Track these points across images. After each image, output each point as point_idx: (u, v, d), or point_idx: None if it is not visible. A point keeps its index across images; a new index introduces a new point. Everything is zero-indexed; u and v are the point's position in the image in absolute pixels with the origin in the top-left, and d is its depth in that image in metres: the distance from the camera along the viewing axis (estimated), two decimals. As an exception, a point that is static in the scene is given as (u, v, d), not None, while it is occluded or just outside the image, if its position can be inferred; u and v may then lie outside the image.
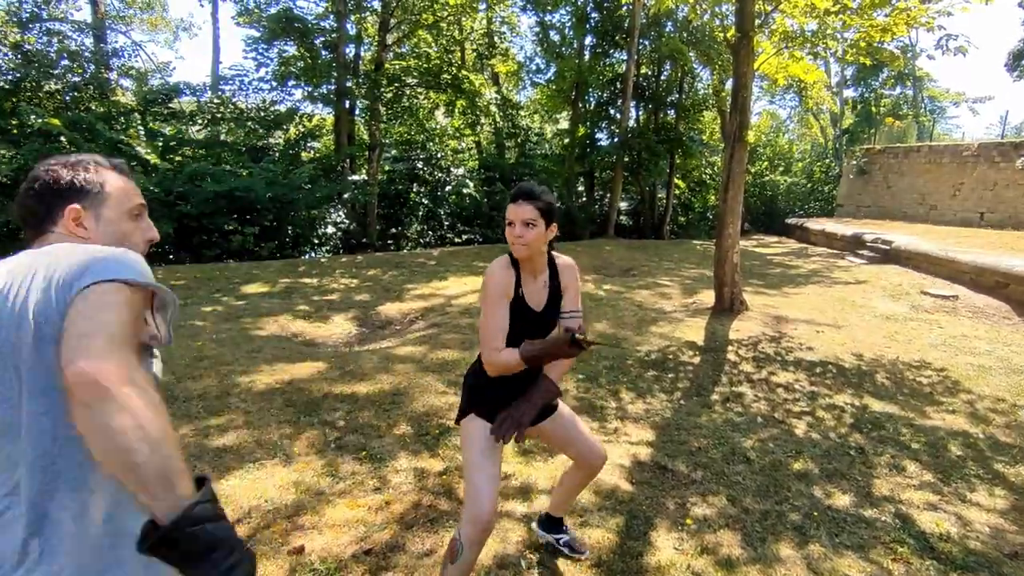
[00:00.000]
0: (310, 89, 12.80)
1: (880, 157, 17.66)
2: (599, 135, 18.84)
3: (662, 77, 17.92)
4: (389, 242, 14.99)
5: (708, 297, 7.86)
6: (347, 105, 13.58)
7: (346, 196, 12.46)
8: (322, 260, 10.94)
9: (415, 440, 3.46)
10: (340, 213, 13.15)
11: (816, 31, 7.05)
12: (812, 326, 6.54)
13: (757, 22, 6.64)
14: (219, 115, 12.64)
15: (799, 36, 7.14)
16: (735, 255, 6.90)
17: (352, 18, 13.29)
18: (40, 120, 9.17)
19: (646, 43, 16.95)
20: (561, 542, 2.41)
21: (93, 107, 10.60)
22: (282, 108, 13.54)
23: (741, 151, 6.68)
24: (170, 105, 11.94)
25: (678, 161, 18.41)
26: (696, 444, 3.55)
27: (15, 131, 9.55)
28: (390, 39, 14.17)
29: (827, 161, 25.20)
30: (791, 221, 18.57)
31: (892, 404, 4.36)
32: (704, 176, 21.01)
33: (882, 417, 4.08)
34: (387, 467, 3.12)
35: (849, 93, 27.53)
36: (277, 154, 12.84)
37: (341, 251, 13.28)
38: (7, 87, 9.89)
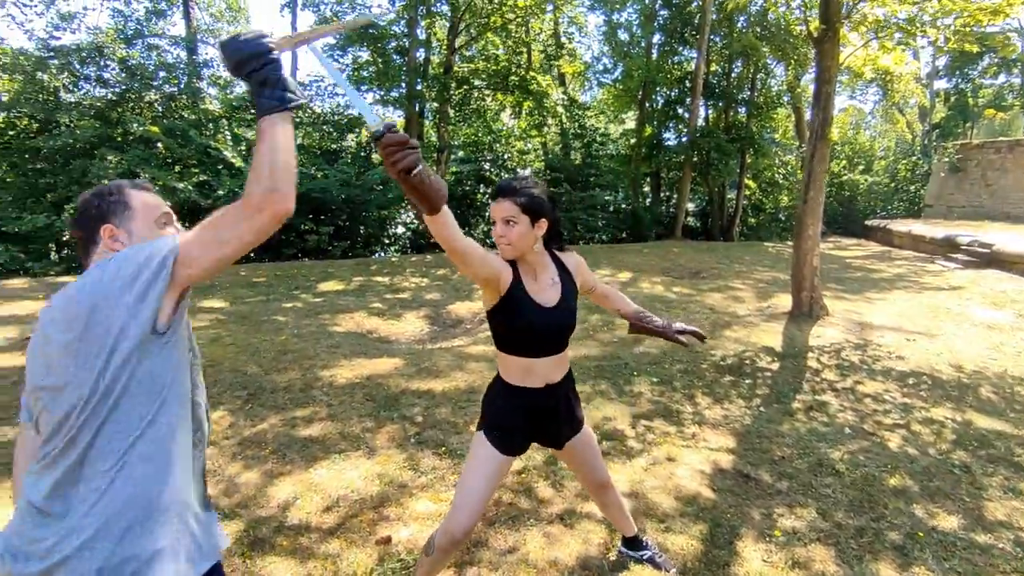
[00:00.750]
0: (382, 93, 13.18)
1: (977, 153, 16.42)
2: (666, 135, 18.44)
3: (733, 74, 17.34)
4: (456, 242, 15.16)
5: (784, 301, 7.56)
6: (417, 108, 13.90)
7: (416, 197, 12.72)
8: (393, 259, 11.25)
9: (491, 438, 3.49)
10: (410, 214, 13.47)
11: (910, 18, 6.62)
12: (901, 334, 6.16)
13: (843, 12, 6.31)
14: (297, 119, 13.19)
15: (891, 25, 6.73)
16: (815, 257, 6.60)
17: (422, 23, 13.59)
18: (141, 128, 9.89)
19: (717, 39, 16.46)
20: (645, 558, 2.36)
21: (185, 115, 11.34)
22: (355, 112, 14.02)
23: (823, 149, 6.37)
24: (252, 111, 12.55)
25: (749, 161, 17.76)
26: (779, 453, 3.42)
27: (120, 138, 10.33)
28: (459, 42, 14.39)
29: (914, 159, 23.64)
30: (872, 223, 17.55)
31: (1001, 421, 4.04)
32: (776, 176, 20.17)
33: (990, 435, 3.79)
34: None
35: (941, 84, 25.72)
36: (350, 157, 13.30)
37: (410, 251, 13.60)
38: (114, 98, 10.71)
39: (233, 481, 2.89)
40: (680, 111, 17.47)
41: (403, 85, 13.37)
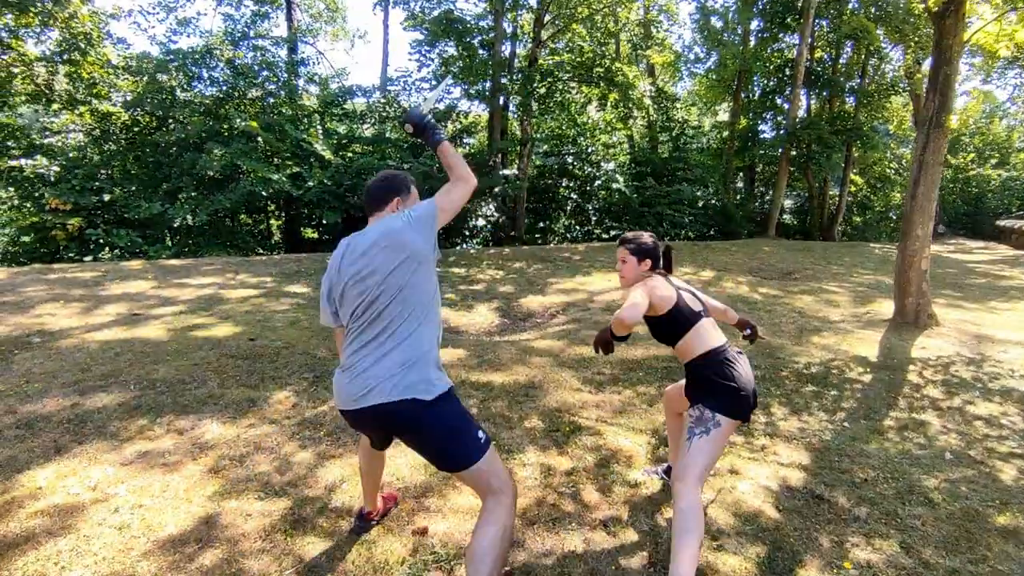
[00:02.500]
0: (467, 87, 13.34)
1: None
2: (762, 127, 17.42)
3: (840, 60, 16.05)
4: (536, 236, 15.18)
5: (885, 308, 6.90)
6: (501, 101, 13.95)
7: (496, 190, 12.84)
8: (471, 251, 11.39)
9: (544, 435, 3.40)
10: (490, 207, 13.59)
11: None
12: (1027, 349, 5.42)
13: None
14: (385, 114, 13.69)
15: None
16: (923, 260, 5.94)
17: (508, 16, 13.60)
18: (243, 123, 10.61)
19: (823, 23, 15.29)
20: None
21: (283, 110, 12.04)
22: (441, 106, 14.30)
23: (939, 139, 5.71)
24: (344, 106, 13.20)
25: (856, 154, 16.43)
26: (861, 475, 3.08)
27: (226, 133, 11.14)
28: (544, 35, 14.28)
29: (1059, 152, 20.88)
30: (1004, 223, 15.69)
31: None
32: (888, 171, 18.50)
33: None
34: (515, 459, 3.10)
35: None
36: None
37: (490, 243, 13.71)
38: (221, 96, 11.56)
39: (287, 460, 2.98)
40: (779, 101, 16.43)
41: (488, 79, 13.45)
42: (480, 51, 13.44)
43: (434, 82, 13.05)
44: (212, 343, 4.77)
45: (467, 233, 13.15)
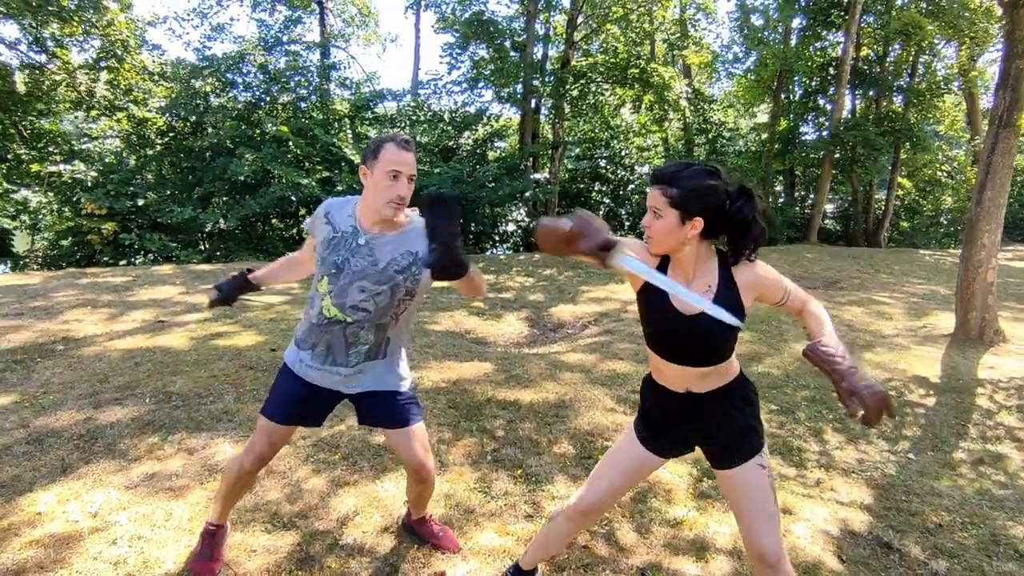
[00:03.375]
0: (498, 90, 13.16)
1: None
2: (804, 128, 16.79)
3: (888, 58, 15.34)
4: (568, 241, 14.83)
5: (943, 321, 6.42)
6: (533, 104, 13.74)
7: (527, 195, 12.62)
8: (501, 257, 11.18)
9: (576, 463, 3.14)
10: (521, 211, 13.37)
11: None
12: (1110, 371, 4.91)
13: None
14: (415, 118, 13.61)
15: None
16: (990, 272, 5.48)
17: (541, 17, 13.38)
18: (274, 128, 10.63)
19: (870, 19, 14.63)
20: None
21: (314, 115, 12.05)
22: (471, 110, 14.15)
23: (1009, 139, 5.25)
24: (375, 110, 13.17)
25: (904, 156, 15.66)
26: (935, 519, 2.73)
27: (257, 137, 11.19)
28: (577, 36, 14.01)
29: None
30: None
31: None
32: (939, 174, 17.62)
33: None
34: (543, 491, 2.84)
35: None
36: (464, 154, 13.44)
37: (520, 248, 13.48)
38: (253, 101, 11.63)
39: (299, 486, 2.79)
40: (821, 102, 15.80)
41: (520, 81, 13.25)
42: (511, 53, 13.25)
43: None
44: (232, 353, 4.64)
45: (496, 238, 12.95)
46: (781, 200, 17.46)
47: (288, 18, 12.70)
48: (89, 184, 9.93)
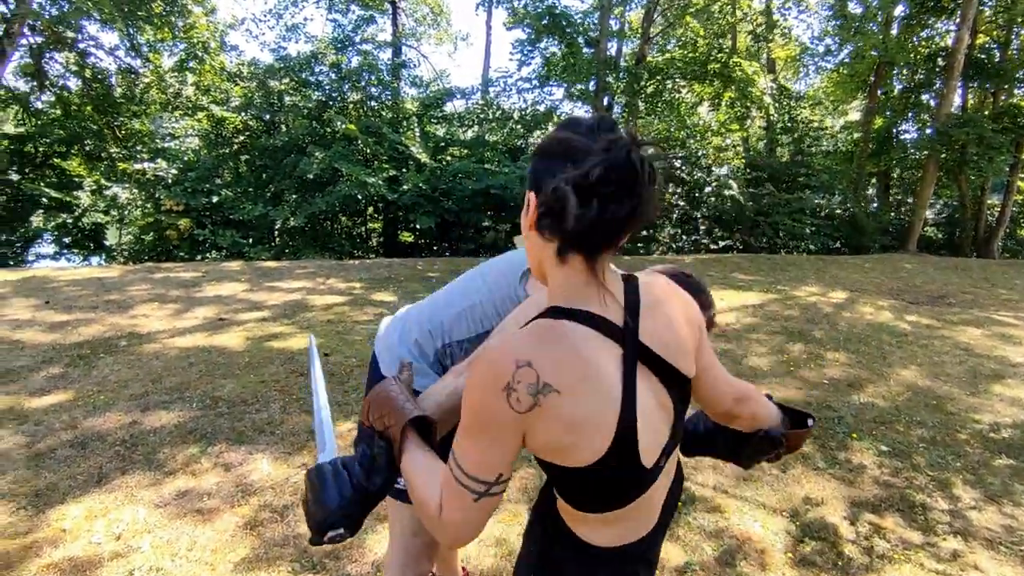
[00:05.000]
0: (570, 87, 12.75)
1: None
2: (903, 126, 15.37)
3: (1011, 47, 13.75)
4: (639, 245, 14.27)
5: (1090, 349, 5.47)
6: (605, 102, 13.22)
7: (596, 196, 12.11)
8: (566, 261, 10.75)
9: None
10: (588, 213, 12.89)
11: None
12: None
13: None
14: (484, 116, 13.41)
15: None
16: None
17: (615, 12, 12.85)
18: (343, 126, 10.68)
19: (989, 6, 13.15)
20: None
21: (383, 114, 12.07)
22: (541, 108, 13.80)
23: None
24: (444, 109, 13.08)
25: (1026, 156, 14.00)
26: (1121, 618, 2.11)
27: (328, 136, 11.31)
28: (653, 30, 13.37)
29: None
30: None
31: None
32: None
33: None
34: (608, 542, 2.43)
35: None
36: (529, 152, 13.13)
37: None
38: (325, 100, 11.77)
39: (335, 518, 2.50)
40: (925, 97, 14.38)
41: (592, 78, 12.78)
42: (584, 49, 12.79)
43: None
44: (285, 356, 4.48)
45: (563, 240, 12.53)
46: (874, 205, 16.07)
47: (361, 17, 12.82)
48: (169, 181, 10.33)
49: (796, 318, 6.74)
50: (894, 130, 15.26)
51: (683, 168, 15.35)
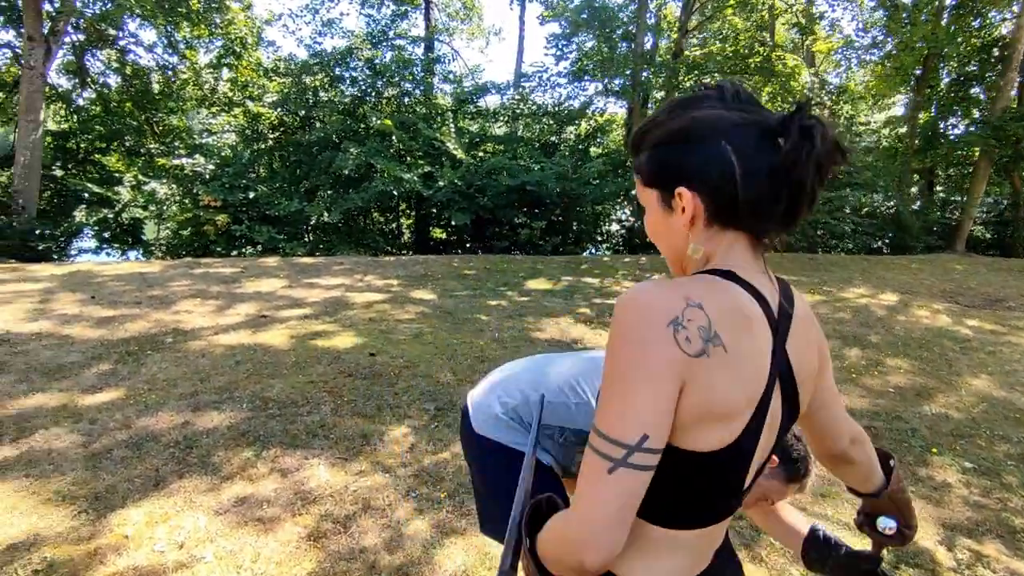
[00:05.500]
0: (606, 82, 12.52)
1: None
2: (951, 120, 14.78)
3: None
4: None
5: None
6: (640, 98, 12.97)
7: (634, 192, 11.94)
8: (604, 259, 10.57)
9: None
10: (625, 210, 12.67)
11: None
12: None
13: None
14: (518, 111, 13.26)
15: None
16: None
17: (652, 5, 12.58)
18: (378, 122, 10.64)
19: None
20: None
21: (417, 109, 12.00)
22: (575, 104, 13.59)
23: None
24: (477, 104, 12.97)
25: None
26: None
27: (362, 132, 11.28)
28: (691, 23, 13.05)
29: None
30: None
31: None
32: None
33: None
34: (753, 552, 2.27)
35: None
36: (568, 149, 12.95)
37: (623, 249, 12.79)
38: (359, 95, 11.74)
39: (399, 529, 2.40)
40: (975, 90, 13.80)
41: (628, 73, 12.53)
42: (621, 44, 12.55)
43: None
44: (332, 356, 4.41)
45: (599, 238, 12.34)
46: (918, 203, 15.51)
47: (395, 12, 12.77)
48: (207, 177, 10.41)
49: (848, 321, 6.48)
50: (941, 125, 14.68)
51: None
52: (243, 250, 10.19)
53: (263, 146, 11.68)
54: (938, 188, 16.84)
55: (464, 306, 6.49)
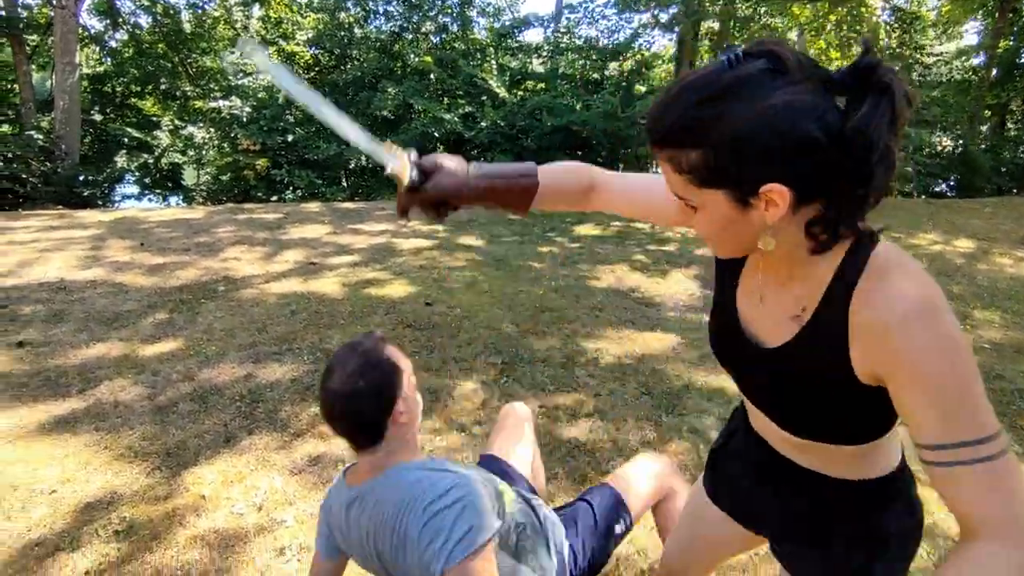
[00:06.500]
0: (655, 11, 11.68)
1: None
2: (1032, 50, 13.51)
3: None
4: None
5: None
6: (694, 30, 12.08)
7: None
8: (650, 203, 10.13)
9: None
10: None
11: None
12: None
13: None
14: (562, 46, 12.53)
15: None
16: None
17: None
18: (416, 59, 10.16)
19: None
20: None
21: (456, 46, 11.42)
22: (621, 37, 12.78)
23: None
24: (518, 39, 12.28)
25: None
26: None
27: (399, 71, 10.83)
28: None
29: None
30: None
31: None
32: None
33: None
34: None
35: None
36: (612, 86, 12.25)
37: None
38: (395, 31, 11.21)
39: (485, 495, 2.25)
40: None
41: (678, 3, 11.63)
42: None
43: None
44: (387, 306, 4.26)
45: (645, 181, 11.81)
46: (989, 141, 14.42)
47: (430, -60, 12.00)
48: (244, 120, 10.18)
49: (925, 270, 6.06)
50: (1022, 54, 13.42)
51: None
52: (283, 195, 10.06)
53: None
54: (1010, 126, 15.63)
55: (514, 252, 6.26)
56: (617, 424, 2.79)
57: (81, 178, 9.17)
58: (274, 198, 10.00)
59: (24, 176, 8.91)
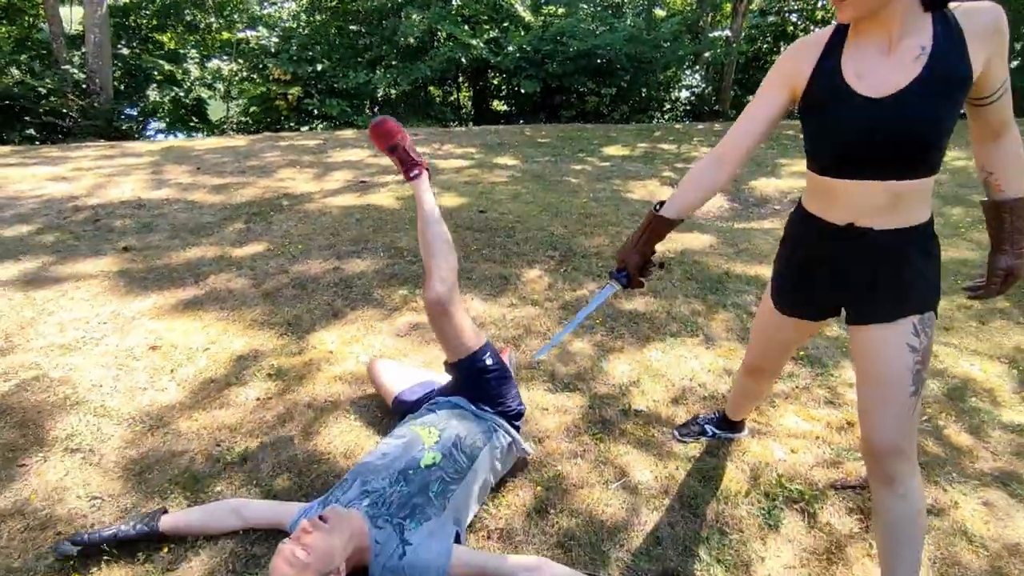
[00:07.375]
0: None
1: None
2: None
3: None
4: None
5: None
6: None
7: (707, 55, 11.17)
8: (677, 126, 10.21)
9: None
10: (695, 76, 11.97)
11: None
12: None
13: None
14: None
15: None
16: None
17: None
18: (441, -18, 10.06)
19: None
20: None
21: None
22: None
23: None
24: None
25: None
26: None
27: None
28: None
29: None
30: None
31: None
32: None
33: None
34: (835, 378, 2.50)
35: None
36: (632, 9, 12.03)
37: (689, 119, 12.27)
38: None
39: (566, 347, 2.68)
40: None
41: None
42: None
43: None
44: (443, 213, 4.58)
45: (667, 105, 11.79)
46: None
47: None
48: (273, 50, 10.25)
49: (945, 183, 6.25)
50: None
51: (799, 23, 13.81)
52: (314, 125, 10.24)
53: (320, 18, 11.26)
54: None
55: (550, 170, 6.53)
56: (669, 300, 3.18)
57: (120, 112, 9.41)
58: (305, 128, 10.20)
59: (64, 111, 9.16)
